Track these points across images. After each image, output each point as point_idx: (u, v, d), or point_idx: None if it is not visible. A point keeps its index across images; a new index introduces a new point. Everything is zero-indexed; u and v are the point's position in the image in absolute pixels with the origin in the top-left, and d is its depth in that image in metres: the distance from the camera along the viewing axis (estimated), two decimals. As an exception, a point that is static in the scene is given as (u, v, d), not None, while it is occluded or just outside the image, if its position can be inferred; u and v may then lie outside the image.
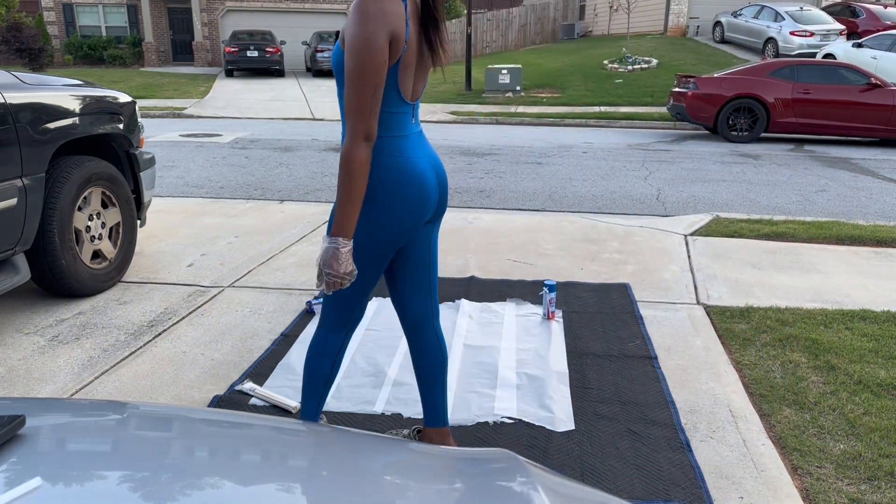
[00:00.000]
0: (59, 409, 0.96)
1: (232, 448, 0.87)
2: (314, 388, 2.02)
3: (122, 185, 3.97)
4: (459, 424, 2.48)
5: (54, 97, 3.42)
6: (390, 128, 1.76)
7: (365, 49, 1.60)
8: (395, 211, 1.78)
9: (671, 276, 4.16)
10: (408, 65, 1.72)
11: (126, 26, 26.02)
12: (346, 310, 1.94)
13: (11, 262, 3.25)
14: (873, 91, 10.65)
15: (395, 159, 1.77)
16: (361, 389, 2.74)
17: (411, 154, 1.79)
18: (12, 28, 21.52)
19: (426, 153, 1.85)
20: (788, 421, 2.52)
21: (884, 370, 2.91)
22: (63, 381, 2.79)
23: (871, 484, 2.16)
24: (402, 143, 1.78)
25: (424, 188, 1.81)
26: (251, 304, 3.63)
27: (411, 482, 0.85)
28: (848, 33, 17.56)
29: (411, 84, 1.77)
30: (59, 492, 0.72)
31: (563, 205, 6.47)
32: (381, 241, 1.81)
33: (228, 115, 14.43)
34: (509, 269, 4.26)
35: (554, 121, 13.72)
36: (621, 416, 2.54)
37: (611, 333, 3.29)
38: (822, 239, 4.97)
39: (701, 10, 22.88)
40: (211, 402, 2.62)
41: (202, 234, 4.97)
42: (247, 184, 7.29)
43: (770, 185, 7.60)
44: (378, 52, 1.61)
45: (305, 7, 25.98)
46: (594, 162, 8.99)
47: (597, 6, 27.16)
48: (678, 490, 2.11)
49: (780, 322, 3.42)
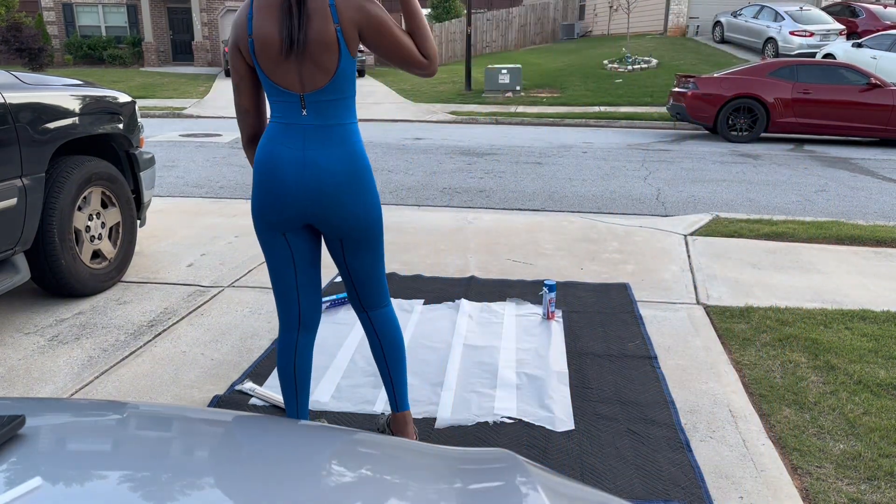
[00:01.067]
0: (59, 409, 0.96)
1: (232, 448, 0.87)
2: (284, 388, 2.15)
3: (122, 184, 3.97)
4: (459, 424, 2.48)
5: (54, 97, 3.42)
6: (275, 112, 1.89)
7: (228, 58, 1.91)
8: (252, 193, 1.94)
9: (671, 276, 4.17)
10: (263, 55, 1.80)
11: (126, 26, 26.03)
12: (282, 306, 2.07)
13: (11, 262, 3.25)
14: (873, 91, 10.65)
15: (262, 141, 1.91)
16: (361, 389, 2.74)
17: (275, 140, 1.86)
18: (12, 28, 21.52)
19: (299, 148, 1.83)
20: (788, 421, 2.52)
21: (884, 370, 2.91)
22: (63, 381, 2.79)
23: (870, 484, 2.16)
24: (272, 129, 1.89)
25: (270, 178, 1.86)
26: (251, 304, 3.63)
27: (411, 482, 0.85)
28: (848, 33, 17.56)
29: (289, 73, 1.80)
30: (59, 492, 0.72)
31: (563, 205, 6.47)
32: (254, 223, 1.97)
33: (228, 114, 14.43)
34: (509, 269, 4.27)
35: (554, 121, 13.72)
36: (621, 415, 2.54)
37: (610, 333, 3.29)
38: (821, 239, 4.97)
39: (701, 10, 22.89)
40: (211, 401, 2.62)
41: (202, 234, 4.97)
42: (247, 183, 7.29)
43: (770, 185, 7.60)
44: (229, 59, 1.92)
45: (305, 7, 25.91)
46: (594, 162, 8.99)
47: (597, 6, 27.17)
48: (678, 490, 2.11)
49: (779, 322, 3.42)
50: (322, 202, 1.85)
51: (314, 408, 2.58)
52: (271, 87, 1.84)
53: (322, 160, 1.83)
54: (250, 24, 1.79)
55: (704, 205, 6.55)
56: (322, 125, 1.83)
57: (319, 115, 1.83)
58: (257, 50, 1.79)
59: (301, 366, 2.11)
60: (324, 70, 1.79)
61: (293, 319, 2.07)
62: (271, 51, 1.78)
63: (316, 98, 1.81)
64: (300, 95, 1.81)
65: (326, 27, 1.75)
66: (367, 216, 1.91)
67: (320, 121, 1.83)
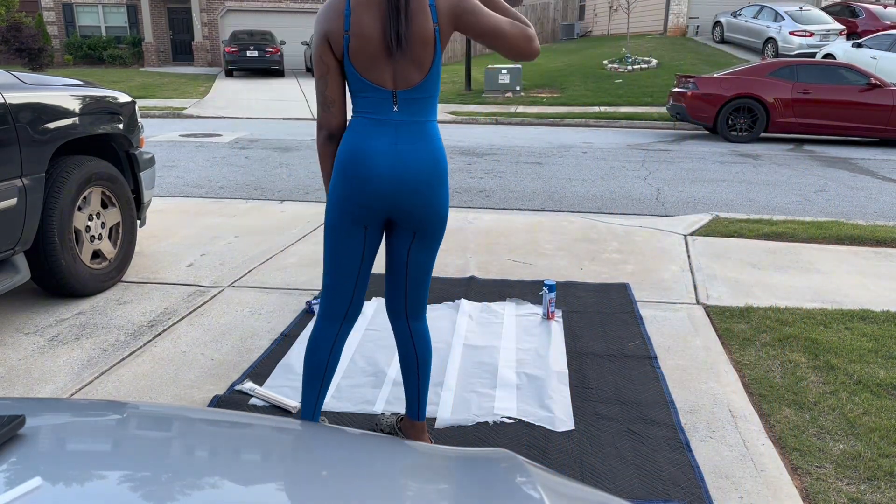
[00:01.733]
0: (59, 409, 0.96)
1: (232, 448, 0.87)
2: (311, 381, 2.09)
3: (122, 185, 3.97)
4: (459, 424, 2.48)
5: (54, 97, 3.42)
6: (363, 108, 1.87)
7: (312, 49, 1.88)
8: (336, 186, 1.91)
9: (671, 276, 4.17)
10: (359, 52, 1.79)
11: (126, 26, 26.02)
12: (335, 298, 2.03)
13: (11, 262, 3.25)
14: (873, 91, 10.65)
15: (349, 137, 1.89)
16: (361, 389, 2.74)
17: (368, 137, 1.85)
18: (12, 28, 21.52)
19: (392, 143, 1.86)
20: (788, 421, 2.52)
21: (883, 370, 2.91)
22: (63, 381, 2.79)
23: (870, 484, 2.16)
24: (361, 124, 1.87)
25: (363, 171, 1.85)
26: (251, 304, 3.63)
27: (411, 482, 0.85)
28: (847, 33, 17.57)
29: (383, 71, 1.82)
30: (59, 492, 0.72)
31: (563, 205, 6.47)
32: (331, 216, 1.95)
33: (228, 115, 14.43)
34: (509, 269, 4.27)
35: (554, 121, 13.72)
36: (621, 415, 2.54)
37: (610, 333, 3.29)
38: (821, 239, 4.97)
39: (701, 10, 22.89)
40: (211, 402, 2.62)
41: (202, 234, 4.97)
42: (247, 184, 7.30)
43: (770, 185, 7.60)
44: (316, 50, 1.86)
45: (305, 7, 25.97)
46: (594, 162, 8.99)
47: (596, 6, 27.16)
48: (678, 490, 2.11)
49: (779, 322, 3.42)
50: (410, 195, 1.90)
51: (314, 408, 2.58)
52: (362, 83, 1.83)
53: (412, 154, 1.88)
54: (348, 20, 1.78)
55: (704, 205, 6.55)
56: (411, 121, 1.87)
57: (409, 112, 1.87)
58: (353, 46, 1.79)
59: (334, 359, 2.09)
60: (419, 68, 1.83)
61: (340, 311, 2.05)
62: (370, 47, 1.78)
63: (407, 95, 1.85)
64: (393, 92, 1.84)
65: (427, 25, 1.80)
66: (441, 210, 1.98)
67: (409, 117, 1.87)
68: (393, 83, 1.83)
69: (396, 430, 2.33)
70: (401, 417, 2.37)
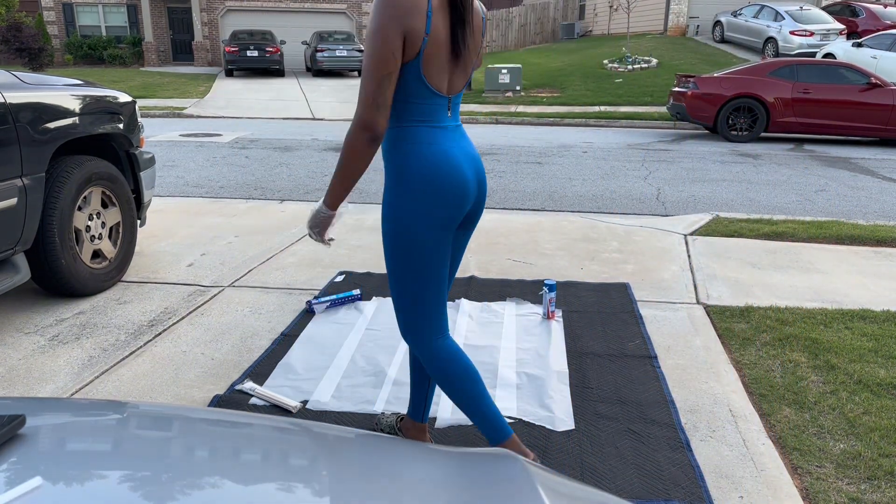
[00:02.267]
0: (59, 409, 0.96)
1: (232, 448, 0.87)
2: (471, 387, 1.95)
3: (122, 184, 3.97)
4: (459, 424, 2.48)
5: (54, 97, 3.42)
6: (421, 115, 1.77)
7: (375, 41, 1.64)
8: (421, 198, 1.77)
9: (671, 275, 4.17)
10: (432, 57, 1.71)
11: (126, 26, 26.02)
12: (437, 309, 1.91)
13: (11, 262, 3.25)
14: (873, 91, 10.65)
15: (424, 147, 1.76)
16: (361, 389, 2.74)
17: (445, 145, 1.79)
18: (12, 28, 21.51)
19: (462, 147, 1.85)
20: (788, 420, 2.52)
21: (883, 370, 2.91)
22: (63, 381, 2.79)
23: (871, 483, 2.16)
24: (428, 134, 1.78)
25: (457, 178, 1.80)
26: (251, 304, 3.63)
27: (411, 482, 0.85)
28: (848, 33, 17.57)
29: (444, 77, 1.77)
30: (59, 492, 0.72)
31: (563, 204, 6.47)
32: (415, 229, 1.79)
33: (228, 114, 14.43)
34: (509, 269, 4.27)
35: (554, 120, 13.72)
36: (621, 415, 2.54)
37: (610, 333, 3.29)
38: (821, 238, 4.97)
39: (701, 9, 22.89)
40: (211, 401, 2.62)
41: (202, 234, 4.97)
42: (247, 183, 7.30)
43: (770, 184, 7.60)
44: (386, 44, 1.64)
45: (305, 7, 25.97)
46: (594, 162, 8.99)
47: (597, 6, 27.16)
48: (678, 490, 2.11)
49: (779, 322, 3.42)
50: (483, 194, 1.96)
51: (313, 408, 2.59)
52: (426, 89, 1.74)
53: (477, 156, 1.92)
54: (429, 23, 1.68)
55: (704, 204, 6.55)
56: (456, 126, 1.88)
57: (455, 117, 1.88)
58: (428, 50, 1.69)
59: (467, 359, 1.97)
60: (467, 75, 1.86)
61: (445, 321, 1.95)
62: (442, 53, 1.73)
63: (456, 101, 1.86)
64: (448, 98, 1.82)
65: (479, 32, 1.84)
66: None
67: (455, 122, 1.87)
68: (447, 89, 1.81)
69: (396, 430, 2.33)
70: (401, 417, 2.37)
